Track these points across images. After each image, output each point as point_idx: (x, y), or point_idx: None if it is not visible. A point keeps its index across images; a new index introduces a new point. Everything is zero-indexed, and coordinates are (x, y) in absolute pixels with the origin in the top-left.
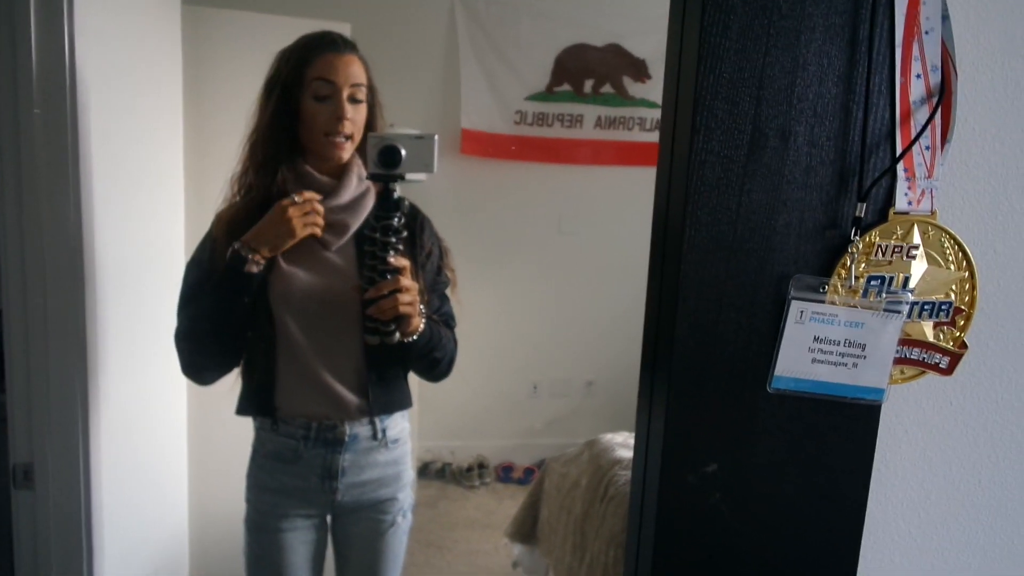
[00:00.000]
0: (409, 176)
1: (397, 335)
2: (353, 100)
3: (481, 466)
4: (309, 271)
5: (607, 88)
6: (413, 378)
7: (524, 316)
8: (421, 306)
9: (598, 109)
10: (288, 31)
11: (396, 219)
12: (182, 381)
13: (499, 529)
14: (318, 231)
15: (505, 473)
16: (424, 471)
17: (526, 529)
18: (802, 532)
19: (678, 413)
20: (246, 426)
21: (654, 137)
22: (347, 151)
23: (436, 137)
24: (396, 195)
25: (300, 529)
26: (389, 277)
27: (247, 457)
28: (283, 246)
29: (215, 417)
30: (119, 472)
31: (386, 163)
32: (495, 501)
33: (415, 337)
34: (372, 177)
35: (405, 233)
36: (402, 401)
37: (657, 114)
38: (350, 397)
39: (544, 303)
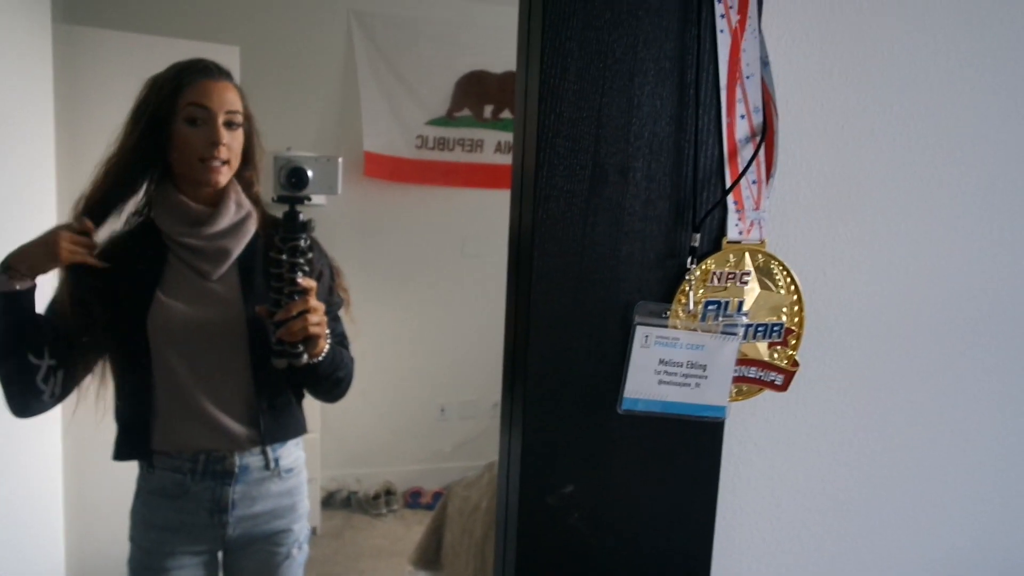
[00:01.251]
0: (314, 198)
1: (305, 357)
2: (229, 125)
3: (388, 493)
4: (189, 302)
5: (506, 114)
6: (315, 406)
7: (430, 339)
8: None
9: (498, 134)
10: (174, 52)
11: (303, 240)
12: (55, 418)
13: (407, 557)
14: (88, 260)
15: (414, 499)
16: (329, 501)
17: (430, 555)
18: (658, 546)
19: (534, 436)
20: (128, 464)
21: None
22: (224, 176)
23: (340, 160)
24: (302, 217)
25: (188, 567)
26: (297, 298)
27: (130, 494)
28: (45, 269)
29: (94, 454)
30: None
31: (293, 185)
32: (403, 528)
33: (321, 358)
34: (279, 199)
35: (311, 254)
36: (296, 428)
37: None
38: (238, 428)
39: (450, 325)
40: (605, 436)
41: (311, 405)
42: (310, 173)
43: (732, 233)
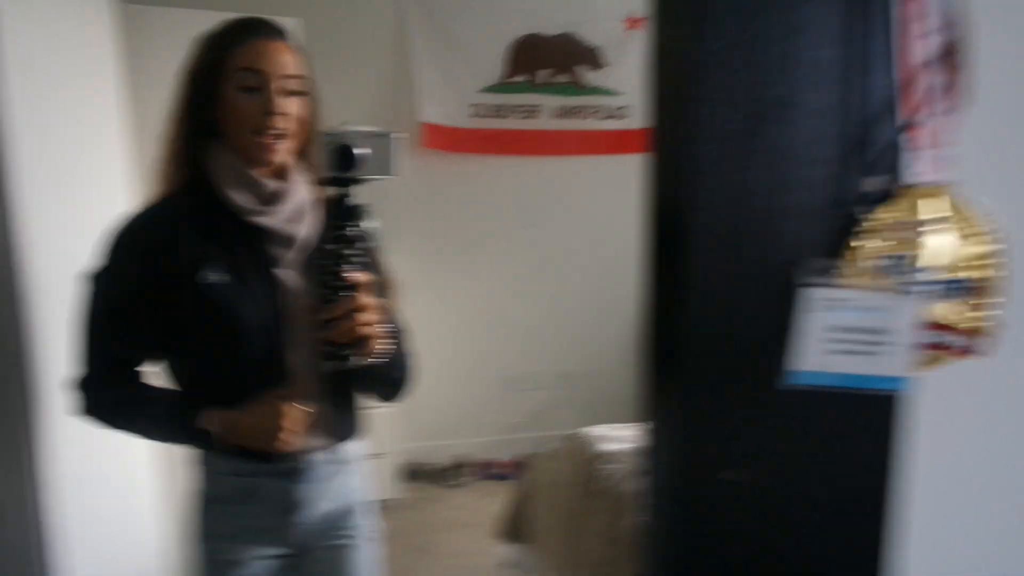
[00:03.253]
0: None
1: (353, 360)
2: (286, 92)
3: (461, 465)
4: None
5: (562, 78)
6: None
7: (495, 311)
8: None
9: (554, 99)
10: None
11: (353, 229)
12: None
13: (482, 528)
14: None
15: (485, 470)
16: (403, 474)
17: (514, 528)
18: (829, 535)
19: (693, 417)
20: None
21: (611, 125)
22: (279, 153)
23: (397, 136)
24: (353, 202)
25: (257, 567)
26: (345, 294)
27: None
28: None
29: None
30: (80, 489)
31: (341, 165)
32: (477, 499)
33: (375, 360)
34: (328, 182)
35: (365, 244)
36: (358, 425)
37: (613, 102)
38: (314, 427)
39: (514, 296)
40: (769, 414)
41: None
42: (363, 152)
43: (911, 176)
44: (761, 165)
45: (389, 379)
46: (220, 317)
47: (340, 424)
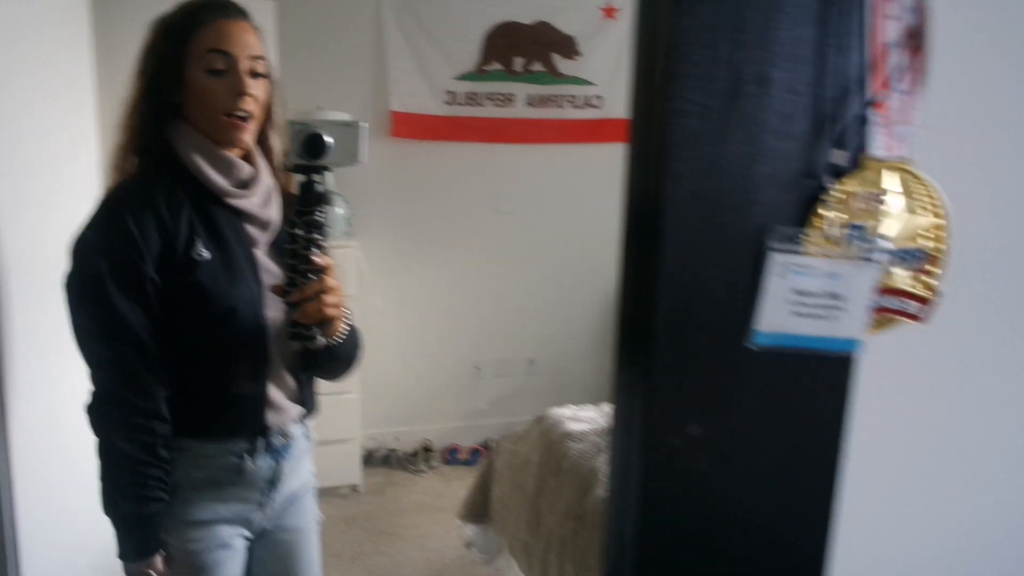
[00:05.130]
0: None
1: (321, 340)
2: (253, 74)
3: (427, 450)
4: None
5: (537, 66)
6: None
7: (464, 298)
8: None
9: (529, 87)
10: None
11: (320, 214)
12: None
13: (449, 512)
14: None
15: (451, 455)
16: (369, 459)
17: (478, 509)
18: (784, 487)
19: (662, 374)
20: None
21: (585, 114)
22: (250, 133)
23: (365, 125)
24: (319, 188)
25: (236, 550)
26: (313, 277)
27: None
28: None
29: None
30: (43, 475)
31: (310, 153)
32: (443, 484)
33: (338, 340)
34: (295, 169)
35: (329, 229)
36: (317, 402)
37: (587, 91)
38: (288, 402)
39: (483, 284)
40: (735, 373)
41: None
42: (330, 140)
43: (876, 150)
44: (738, 138)
45: (346, 357)
46: (211, 294)
47: (311, 400)
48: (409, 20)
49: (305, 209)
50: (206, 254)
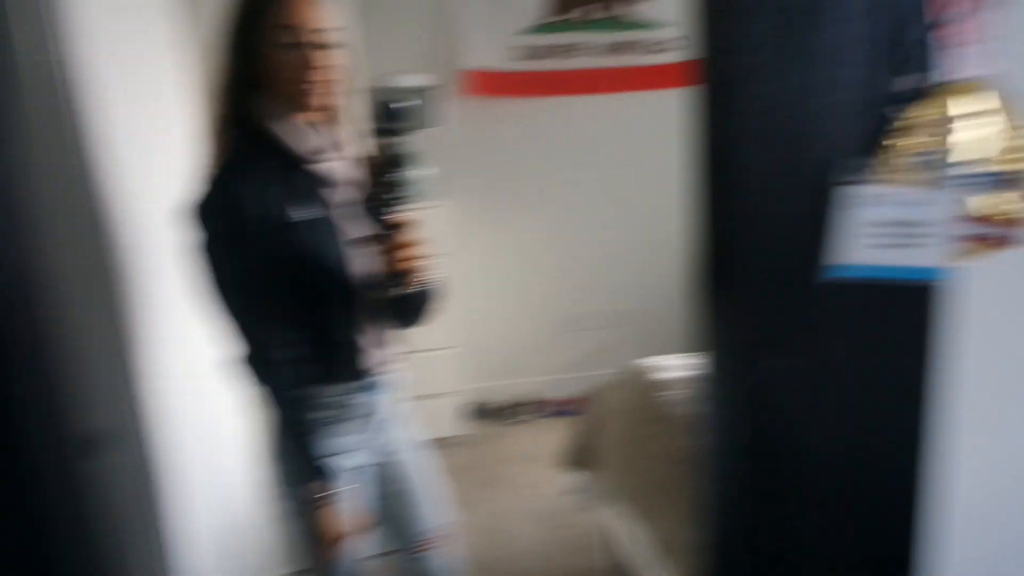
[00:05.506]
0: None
1: (400, 289)
2: (321, 45)
3: (521, 403)
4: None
5: (609, 12)
6: (461, 320)
7: (554, 252)
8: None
9: (594, 36)
10: None
11: (397, 175)
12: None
13: (546, 462)
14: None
15: (549, 407)
16: (466, 413)
17: (579, 457)
18: (868, 417)
19: (745, 311)
20: None
21: (653, 60)
22: (322, 102)
23: (439, 88)
24: (397, 151)
25: (356, 479)
26: (391, 233)
27: None
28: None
29: None
30: (190, 430)
31: (385, 119)
32: (537, 435)
33: (421, 289)
34: (374, 133)
35: (408, 189)
36: (403, 342)
37: (653, 36)
38: (376, 347)
39: (566, 238)
40: (815, 306)
41: (457, 319)
42: (407, 105)
43: (942, 73)
44: (798, 70)
45: (424, 309)
46: (304, 253)
47: (390, 345)
48: None
49: (383, 171)
50: (297, 216)
